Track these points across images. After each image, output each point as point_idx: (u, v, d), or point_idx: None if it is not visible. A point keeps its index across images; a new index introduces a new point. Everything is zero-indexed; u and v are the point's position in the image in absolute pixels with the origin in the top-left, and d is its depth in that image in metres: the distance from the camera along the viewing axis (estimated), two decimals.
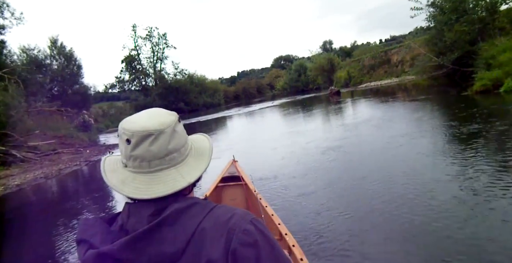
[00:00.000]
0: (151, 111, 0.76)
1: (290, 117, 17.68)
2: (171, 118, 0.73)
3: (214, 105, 52.89)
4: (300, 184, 5.22)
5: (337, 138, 8.73)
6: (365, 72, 35.34)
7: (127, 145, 0.70)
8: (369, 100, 18.66)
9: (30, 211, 6.89)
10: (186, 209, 0.67)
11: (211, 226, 0.65)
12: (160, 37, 51.33)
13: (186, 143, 0.76)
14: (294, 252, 2.01)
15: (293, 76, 56.05)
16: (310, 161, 6.68)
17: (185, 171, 0.72)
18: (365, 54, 40.21)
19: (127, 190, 0.69)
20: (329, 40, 76.38)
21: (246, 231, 0.65)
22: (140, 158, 0.69)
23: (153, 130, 0.68)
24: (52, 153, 14.07)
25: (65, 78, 28.76)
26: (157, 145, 0.69)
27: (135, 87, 51.38)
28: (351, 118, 12.97)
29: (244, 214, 0.70)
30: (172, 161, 0.72)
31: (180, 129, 0.75)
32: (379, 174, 5.00)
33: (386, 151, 6.41)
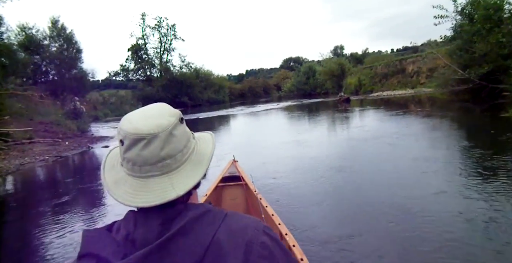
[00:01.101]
0: (152, 109, 0.69)
1: (294, 123, 16.00)
2: (170, 120, 0.66)
3: (218, 102, 51.26)
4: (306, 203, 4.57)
5: (343, 153, 7.89)
6: (377, 81, 33.50)
7: (121, 146, 0.66)
8: (381, 111, 16.95)
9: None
10: (200, 218, 0.63)
11: (226, 237, 0.62)
12: (169, 28, 49.78)
13: (186, 147, 0.69)
14: (294, 252, 1.99)
15: (302, 78, 54.10)
16: (315, 178, 5.80)
17: (178, 180, 0.65)
18: (378, 61, 38.41)
19: (118, 193, 0.65)
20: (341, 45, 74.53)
21: (263, 244, 0.64)
22: (132, 162, 0.64)
23: (145, 134, 0.62)
24: (26, 142, 12.48)
25: (63, 61, 27.17)
26: (148, 151, 0.63)
27: (139, 77, 49.87)
28: (361, 130, 11.32)
29: (256, 224, 0.68)
30: (165, 168, 0.65)
31: (179, 132, 0.67)
32: (387, 196, 4.52)
33: (398, 174, 5.55)
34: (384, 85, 31.51)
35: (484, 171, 5.15)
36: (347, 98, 24.62)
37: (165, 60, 49.87)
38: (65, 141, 13.53)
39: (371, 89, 32.65)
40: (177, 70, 49.96)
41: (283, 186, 5.33)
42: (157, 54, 49.68)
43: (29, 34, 25.80)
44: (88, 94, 34.44)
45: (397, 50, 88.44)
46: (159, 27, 49.49)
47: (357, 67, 43.03)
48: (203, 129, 0.87)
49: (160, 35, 49.71)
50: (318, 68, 48.74)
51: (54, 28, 27.13)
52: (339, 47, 73.50)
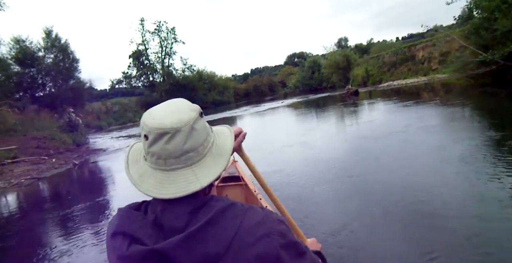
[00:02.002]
0: (173, 105, 0.72)
1: (300, 122, 14.53)
2: (191, 114, 0.69)
3: (223, 103, 50.05)
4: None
5: (353, 152, 7.06)
6: (385, 70, 31.63)
7: (145, 141, 0.69)
8: (392, 102, 15.33)
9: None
10: (226, 210, 0.67)
11: (249, 228, 0.66)
12: (168, 32, 48.72)
13: (206, 140, 0.72)
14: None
15: (306, 73, 52.28)
16: (325, 178, 5.34)
17: (201, 172, 0.69)
18: (385, 50, 36.50)
19: (144, 186, 0.68)
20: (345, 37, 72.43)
21: (281, 233, 0.68)
22: (157, 155, 0.68)
23: (169, 128, 0.66)
24: (7, 162, 11.37)
25: (60, 72, 26.23)
26: (172, 144, 0.66)
27: (142, 83, 49.02)
28: (371, 125, 9.87)
29: (271, 214, 0.72)
30: (188, 161, 0.69)
31: (200, 126, 0.71)
32: (402, 199, 3.93)
33: (415, 175, 4.69)
34: (394, 74, 29.67)
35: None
36: (355, 90, 22.97)
37: (167, 65, 48.90)
38: (52, 158, 12.38)
39: (380, 80, 30.86)
40: (180, 73, 48.91)
41: (293, 189, 4.96)
42: (159, 58, 48.76)
43: (23, 46, 24.92)
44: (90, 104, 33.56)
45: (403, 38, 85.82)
46: (159, 31, 48.52)
47: (363, 57, 41.11)
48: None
49: (160, 39, 48.75)
50: (323, 62, 46.92)
51: (48, 39, 26.20)
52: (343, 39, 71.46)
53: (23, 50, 24.63)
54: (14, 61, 24.42)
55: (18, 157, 12.37)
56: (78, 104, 25.89)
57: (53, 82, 26.31)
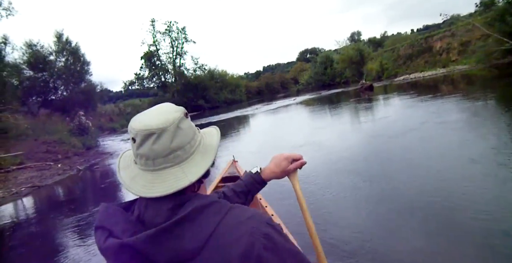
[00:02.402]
0: (158, 108, 0.74)
1: (312, 120, 13.79)
2: (176, 115, 0.71)
3: (235, 101, 49.57)
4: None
5: (368, 152, 6.38)
6: (400, 63, 30.30)
7: (133, 144, 0.70)
8: (409, 96, 14.36)
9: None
10: (207, 206, 0.67)
11: (229, 227, 0.65)
12: (179, 31, 48.44)
13: (193, 139, 0.74)
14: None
15: (319, 69, 51.00)
16: (340, 182, 4.90)
17: (189, 169, 0.70)
18: (400, 42, 35.06)
19: (135, 188, 0.69)
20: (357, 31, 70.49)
21: (266, 235, 0.66)
22: (145, 157, 0.69)
23: (155, 129, 0.67)
24: (12, 169, 11.13)
25: (71, 75, 26.22)
26: (160, 144, 0.67)
27: (154, 84, 49.02)
28: (389, 121, 9.15)
29: (260, 216, 0.70)
30: (176, 159, 0.70)
31: (185, 125, 0.72)
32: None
33: (440, 177, 4.20)
34: (410, 67, 28.34)
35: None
36: (369, 85, 21.93)
37: (178, 65, 48.69)
38: (57, 164, 12.10)
39: (395, 73, 29.58)
40: (191, 73, 48.63)
41: (310, 190, 4.63)
42: (170, 59, 48.59)
43: (35, 50, 25.00)
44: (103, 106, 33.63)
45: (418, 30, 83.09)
46: (170, 31, 48.31)
47: (377, 51, 39.70)
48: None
49: (171, 39, 48.53)
50: (335, 57, 45.63)
51: (59, 43, 26.22)
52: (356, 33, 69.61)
53: (35, 54, 24.71)
54: (27, 65, 24.52)
55: (24, 163, 12.14)
56: (89, 107, 25.85)
57: (65, 86, 26.34)
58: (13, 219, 6.47)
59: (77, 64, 26.65)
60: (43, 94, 25.42)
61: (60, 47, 26.19)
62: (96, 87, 27.14)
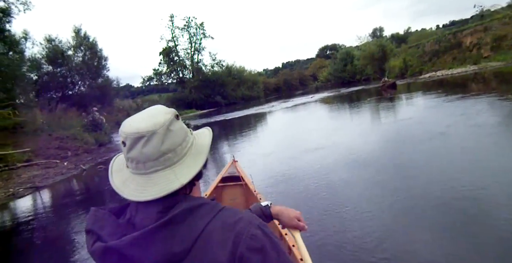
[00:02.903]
0: (148, 110, 0.72)
1: (330, 119, 12.79)
2: (166, 117, 0.69)
3: (253, 98, 48.82)
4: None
5: (394, 157, 5.71)
6: (426, 60, 28.51)
7: (123, 147, 0.69)
8: (436, 96, 13.09)
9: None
10: (195, 209, 0.66)
11: (218, 228, 0.64)
12: (197, 27, 48.07)
13: (185, 141, 0.71)
14: (294, 252, 1.88)
15: (338, 66, 49.35)
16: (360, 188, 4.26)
17: (181, 171, 0.68)
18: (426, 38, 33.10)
19: (127, 192, 0.67)
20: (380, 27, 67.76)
21: (253, 236, 0.64)
22: (136, 160, 0.67)
23: (145, 132, 0.65)
24: (15, 166, 10.77)
25: (89, 70, 26.13)
26: (150, 147, 0.66)
27: (172, 80, 48.93)
28: (416, 125, 8.11)
29: (251, 218, 0.68)
30: (167, 162, 0.68)
31: (176, 127, 0.70)
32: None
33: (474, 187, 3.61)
34: (436, 64, 26.58)
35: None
36: (392, 83, 20.56)
37: (196, 60, 48.33)
38: (64, 161, 11.68)
39: (420, 70, 27.85)
40: (209, 69, 48.17)
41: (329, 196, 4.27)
42: (188, 55, 48.33)
43: (54, 46, 25.00)
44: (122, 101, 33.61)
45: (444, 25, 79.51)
46: (188, 27, 48.01)
47: (400, 47, 37.79)
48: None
49: (189, 35, 48.25)
50: (356, 53, 43.89)
51: (77, 38, 26.15)
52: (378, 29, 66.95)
53: (54, 49, 24.69)
54: (45, 60, 24.54)
55: (31, 160, 11.81)
56: (105, 102, 25.69)
57: (82, 81, 26.27)
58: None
59: (94, 59, 26.50)
60: (61, 89, 25.43)
61: (78, 42, 26.11)
62: (113, 82, 26.91)
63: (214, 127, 19.56)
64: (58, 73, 25.22)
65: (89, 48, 26.30)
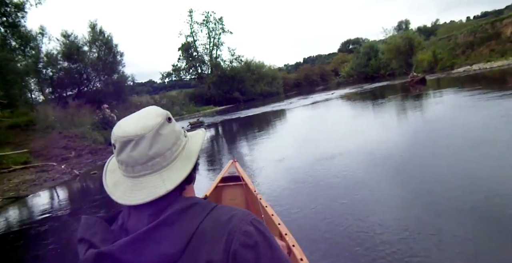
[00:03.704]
0: (140, 113, 0.70)
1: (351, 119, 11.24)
2: (156, 120, 0.67)
3: (272, 94, 47.32)
4: None
5: (429, 168, 4.61)
6: (458, 53, 25.94)
7: (114, 150, 0.68)
8: (475, 93, 11.22)
9: None
10: (186, 209, 0.65)
11: (211, 227, 0.63)
12: (216, 22, 46.86)
13: (176, 145, 0.69)
14: (294, 252, 1.86)
15: (362, 60, 46.77)
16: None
17: (168, 176, 0.66)
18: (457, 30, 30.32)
19: (117, 194, 0.67)
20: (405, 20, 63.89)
21: (246, 233, 0.63)
22: (125, 163, 0.66)
23: (133, 136, 0.64)
24: (7, 170, 9.96)
25: (105, 66, 25.55)
26: (137, 151, 0.64)
27: (191, 76, 48.13)
28: (453, 129, 6.66)
29: (245, 214, 0.67)
30: (155, 166, 0.66)
31: (166, 131, 0.68)
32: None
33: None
34: (470, 57, 24.05)
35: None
36: (422, 78, 18.51)
37: (214, 56, 47.25)
38: (62, 164, 10.81)
39: (451, 64, 25.36)
40: (227, 64, 46.97)
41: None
42: (206, 50, 47.31)
43: (70, 41, 24.54)
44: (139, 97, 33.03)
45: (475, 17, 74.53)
46: (207, 22, 46.91)
47: (429, 40, 35.03)
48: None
49: (208, 30, 47.16)
50: (381, 47, 41.27)
51: (93, 33, 25.58)
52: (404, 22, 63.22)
53: (70, 45, 24.21)
54: (61, 56, 24.10)
55: (29, 162, 11.05)
56: (120, 98, 25.07)
57: (98, 77, 25.74)
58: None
59: (109, 55, 25.87)
60: (76, 85, 25.02)
61: (94, 37, 25.54)
62: (128, 78, 26.21)
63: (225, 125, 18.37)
64: (73, 69, 24.79)
65: (104, 44, 25.70)
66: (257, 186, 4.51)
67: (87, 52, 25.46)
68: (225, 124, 19.31)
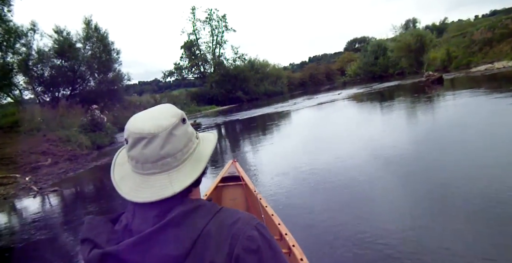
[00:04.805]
0: (155, 110, 0.70)
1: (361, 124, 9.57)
2: (171, 120, 0.67)
3: (276, 93, 45.61)
4: None
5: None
6: (475, 50, 23.99)
7: (125, 144, 0.68)
8: (501, 95, 9.54)
9: None
10: (191, 211, 0.64)
11: (215, 230, 0.63)
12: (219, 20, 45.19)
13: (187, 146, 0.69)
14: (294, 252, 1.88)
15: (369, 59, 44.70)
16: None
17: (176, 178, 0.66)
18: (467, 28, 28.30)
19: (123, 189, 0.67)
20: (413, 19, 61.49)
21: (250, 237, 0.62)
22: (135, 159, 0.66)
23: (147, 133, 0.64)
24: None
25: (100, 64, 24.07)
26: (149, 149, 0.64)
27: (193, 75, 46.61)
28: (487, 139, 5.14)
29: (249, 219, 0.66)
30: (165, 166, 0.66)
31: (180, 132, 0.67)
32: None
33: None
34: (489, 54, 22.13)
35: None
36: (439, 77, 16.73)
37: (218, 54, 45.65)
38: (27, 176, 9.30)
39: (467, 62, 23.46)
40: (230, 63, 45.33)
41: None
42: (209, 48, 45.69)
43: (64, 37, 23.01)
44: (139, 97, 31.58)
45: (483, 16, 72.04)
46: (210, 19, 45.26)
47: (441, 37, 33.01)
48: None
49: (211, 28, 45.51)
50: (389, 45, 39.24)
51: (88, 30, 24.07)
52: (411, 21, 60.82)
53: (62, 42, 22.72)
54: (53, 53, 22.60)
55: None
56: (115, 98, 23.59)
57: (92, 75, 24.27)
58: None
59: (105, 53, 24.37)
60: (70, 84, 23.56)
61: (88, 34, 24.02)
62: (124, 77, 24.68)
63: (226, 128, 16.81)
64: (66, 67, 23.33)
65: (99, 41, 24.22)
66: (257, 186, 4.18)
67: (81, 49, 23.97)
68: (226, 126, 17.71)
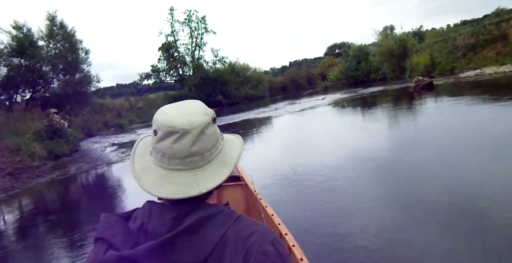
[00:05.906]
0: (188, 105, 0.69)
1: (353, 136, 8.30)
2: (204, 118, 0.66)
3: (257, 98, 44.25)
4: None
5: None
6: (459, 56, 23.56)
7: (153, 136, 0.66)
8: (499, 102, 8.60)
9: None
10: (210, 218, 0.63)
11: (232, 241, 0.61)
12: (199, 21, 43.50)
13: (214, 147, 0.68)
14: (294, 252, 1.86)
15: (351, 63, 44.17)
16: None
17: (202, 178, 0.65)
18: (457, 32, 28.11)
19: (144, 182, 0.65)
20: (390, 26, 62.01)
21: (264, 253, 0.60)
22: (162, 153, 0.65)
23: (179, 128, 0.63)
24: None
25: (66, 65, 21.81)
26: (179, 145, 0.63)
27: (171, 77, 44.58)
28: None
29: (266, 233, 0.64)
30: (192, 164, 0.65)
31: (210, 131, 0.67)
32: None
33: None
34: (473, 60, 21.70)
35: None
36: (429, 83, 15.87)
37: (197, 57, 43.89)
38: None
39: (451, 68, 23.00)
40: (210, 66, 43.66)
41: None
42: (188, 50, 43.86)
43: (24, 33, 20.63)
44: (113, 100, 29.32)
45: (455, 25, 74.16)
46: (189, 21, 43.48)
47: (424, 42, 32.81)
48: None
49: (190, 29, 43.73)
50: (372, 49, 38.82)
51: (51, 26, 21.79)
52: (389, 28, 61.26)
53: (21, 39, 20.35)
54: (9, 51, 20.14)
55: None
56: (81, 101, 21.44)
57: (57, 77, 21.99)
58: None
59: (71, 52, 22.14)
60: (31, 86, 21.20)
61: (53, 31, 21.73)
62: (92, 78, 22.50)
63: None
64: (27, 66, 20.97)
65: (64, 39, 22.01)
66: (257, 186, 3.77)
67: (44, 47, 21.67)
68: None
